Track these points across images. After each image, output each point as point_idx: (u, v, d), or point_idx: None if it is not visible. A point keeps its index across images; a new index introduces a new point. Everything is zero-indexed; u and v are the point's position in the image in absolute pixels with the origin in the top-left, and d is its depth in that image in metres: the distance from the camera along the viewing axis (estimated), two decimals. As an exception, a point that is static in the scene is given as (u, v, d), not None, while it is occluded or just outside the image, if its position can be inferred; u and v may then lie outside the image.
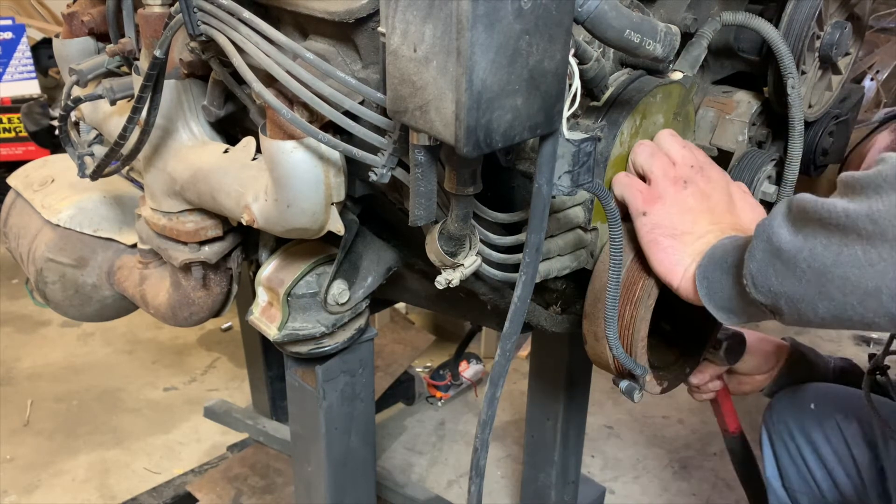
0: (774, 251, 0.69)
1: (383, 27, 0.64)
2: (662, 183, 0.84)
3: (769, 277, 0.70)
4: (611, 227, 0.79)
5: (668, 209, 0.83)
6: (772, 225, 0.70)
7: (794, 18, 0.98)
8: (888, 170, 0.61)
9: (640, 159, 0.86)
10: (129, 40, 0.98)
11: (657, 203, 0.83)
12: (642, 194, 0.84)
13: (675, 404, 2.42)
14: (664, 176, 0.84)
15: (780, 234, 0.69)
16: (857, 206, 0.62)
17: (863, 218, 0.62)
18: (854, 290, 0.64)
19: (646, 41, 0.71)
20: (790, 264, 0.68)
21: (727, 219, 0.85)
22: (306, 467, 1.21)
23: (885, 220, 0.61)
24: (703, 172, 0.86)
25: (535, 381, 1.59)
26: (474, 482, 0.82)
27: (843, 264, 0.64)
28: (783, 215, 0.69)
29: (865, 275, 0.63)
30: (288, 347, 1.04)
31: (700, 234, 0.82)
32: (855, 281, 0.64)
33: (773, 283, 0.70)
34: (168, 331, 2.73)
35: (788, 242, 0.68)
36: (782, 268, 0.69)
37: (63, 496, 2.02)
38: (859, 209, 0.62)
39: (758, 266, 0.71)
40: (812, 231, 0.66)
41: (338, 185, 0.81)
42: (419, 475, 2.14)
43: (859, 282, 0.64)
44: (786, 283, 0.69)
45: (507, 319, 0.72)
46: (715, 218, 0.84)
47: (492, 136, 0.58)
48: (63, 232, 1.21)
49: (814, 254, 0.66)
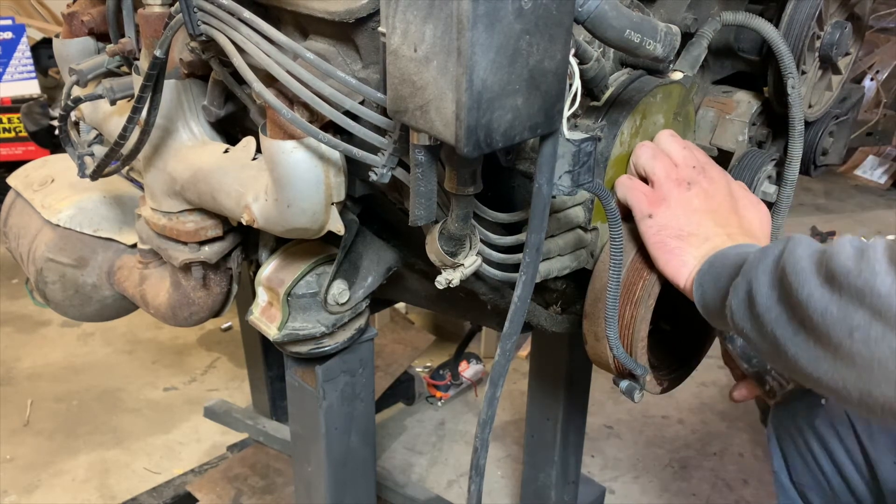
0: (750, 300, 0.70)
1: (383, 27, 0.64)
2: (666, 185, 0.84)
3: (744, 319, 0.72)
4: (611, 227, 0.79)
5: (674, 211, 0.83)
6: (757, 270, 0.70)
7: (795, 18, 0.98)
8: (876, 281, 0.59)
9: (642, 161, 0.86)
10: (129, 40, 0.98)
11: (662, 205, 0.83)
12: (646, 197, 0.84)
13: (675, 404, 2.42)
14: (667, 177, 0.84)
15: (761, 285, 0.69)
16: (837, 312, 0.61)
17: (838, 329, 0.61)
18: (799, 372, 0.67)
19: (646, 41, 0.71)
20: (757, 319, 0.70)
21: (733, 220, 0.85)
22: (306, 467, 1.21)
23: (860, 344, 0.60)
24: (706, 172, 0.86)
25: (535, 381, 1.59)
26: (474, 482, 0.82)
27: (801, 354, 0.66)
28: (772, 263, 0.69)
29: (814, 369, 0.65)
30: (288, 347, 1.04)
31: (706, 235, 0.83)
32: (803, 368, 0.66)
33: (745, 326, 0.72)
34: (168, 331, 2.73)
35: (763, 297, 0.69)
36: (751, 317, 0.71)
37: (63, 496, 2.02)
38: (838, 319, 0.61)
39: (737, 304, 0.72)
40: (787, 304, 0.67)
41: (338, 185, 0.81)
42: (419, 475, 2.14)
43: (806, 370, 0.66)
44: (752, 332, 0.71)
45: (507, 319, 0.72)
46: (720, 219, 0.84)
47: (492, 136, 0.58)
48: (63, 232, 1.21)
49: (778, 322, 0.67)
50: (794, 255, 0.67)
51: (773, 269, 0.69)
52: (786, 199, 1.03)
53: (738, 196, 0.89)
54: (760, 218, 0.89)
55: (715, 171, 0.88)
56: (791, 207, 1.05)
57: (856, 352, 0.61)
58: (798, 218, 3.89)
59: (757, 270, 0.70)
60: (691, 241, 0.82)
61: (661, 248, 0.82)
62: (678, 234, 0.82)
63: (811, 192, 4.33)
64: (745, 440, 2.27)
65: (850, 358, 0.62)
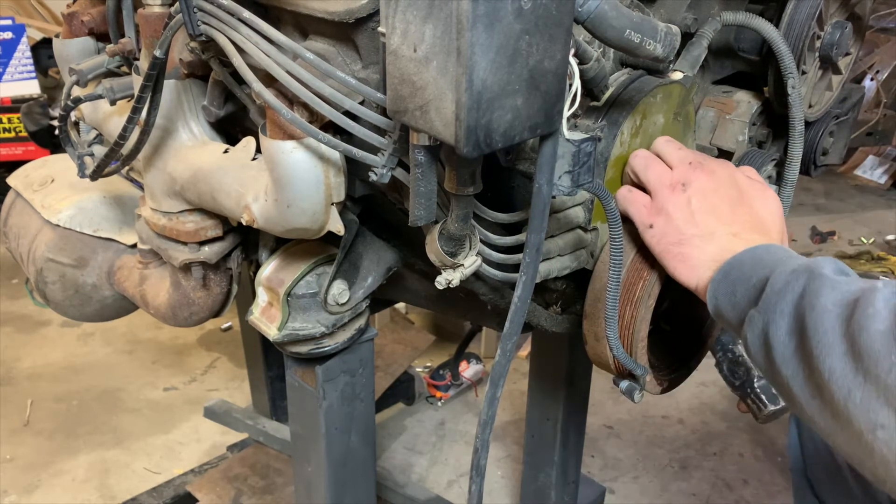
0: (766, 342, 0.67)
1: (383, 27, 0.63)
2: (661, 192, 0.83)
3: (759, 355, 0.70)
4: (611, 227, 0.79)
5: (672, 216, 0.82)
6: (774, 312, 0.66)
7: (795, 18, 0.98)
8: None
9: (637, 171, 0.85)
10: (129, 40, 0.98)
11: (661, 214, 0.82)
12: (646, 208, 0.83)
13: (675, 404, 2.42)
14: (661, 184, 0.83)
15: (778, 329, 0.66)
16: (861, 401, 0.58)
17: (861, 419, 0.58)
18: (813, 428, 0.65)
19: (646, 41, 0.71)
20: (772, 364, 0.67)
21: (740, 213, 0.82)
22: (306, 467, 1.21)
23: (883, 444, 0.58)
24: (704, 167, 0.84)
25: (535, 381, 1.59)
26: (474, 482, 0.82)
27: (817, 418, 0.64)
28: (791, 306, 0.65)
29: (829, 436, 0.64)
30: (288, 347, 1.04)
31: (709, 233, 0.80)
32: (818, 428, 0.64)
33: (761, 363, 0.70)
34: (168, 331, 2.73)
35: (780, 344, 0.66)
36: (767, 360, 0.68)
37: (63, 496, 2.02)
38: (861, 409, 0.58)
39: (752, 339, 0.70)
40: (805, 363, 0.63)
41: (338, 185, 0.81)
42: (419, 475, 2.14)
43: (821, 431, 0.64)
44: (767, 373, 0.70)
45: (507, 319, 0.72)
46: (723, 215, 0.82)
47: (492, 136, 0.58)
48: (63, 232, 1.21)
49: (795, 379, 0.64)
50: (818, 307, 0.61)
51: (792, 312, 0.64)
52: (786, 199, 1.03)
53: (745, 187, 0.85)
54: (770, 208, 0.85)
55: (715, 164, 0.86)
56: (791, 207, 1.05)
57: (877, 448, 0.58)
58: (798, 218, 3.89)
59: (774, 312, 0.66)
60: (694, 242, 0.80)
61: (667, 256, 0.81)
62: (679, 239, 0.81)
63: (811, 192, 4.33)
64: (745, 440, 2.27)
65: (869, 449, 0.58)
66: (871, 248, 3.68)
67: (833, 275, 0.65)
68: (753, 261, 0.74)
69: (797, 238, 3.66)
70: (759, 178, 0.89)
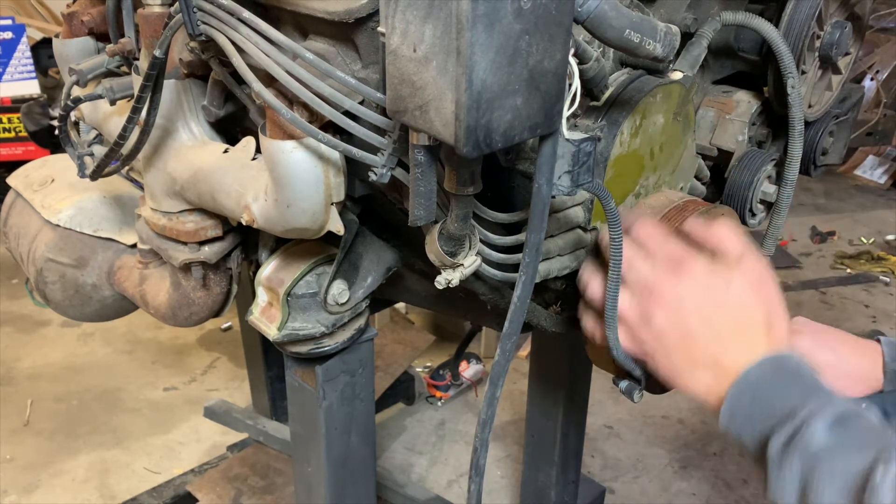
0: (812, 453, 0.63)
1: (383, 27, 0.63)
2: (631, 323, 0.80)
3: None
4: (611, 227, 0.79)
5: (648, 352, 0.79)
6: (822, 482, 0.62)
7: (795, 18, 0.98)
8: None
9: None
10: (128, 40, 0.98)
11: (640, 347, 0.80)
12: (627, 336, 0.81)
13: (675, 404, 2.42)
14: (627, 316, 0.80)
15: (817, 433, 0.63)
16: None
17: None
18: None
19: (646, 41, 0.71)
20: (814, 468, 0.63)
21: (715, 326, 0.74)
22: (306, 467, 1.21)
23: None
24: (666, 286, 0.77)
25: (535, 381, 1.59)
26: (474, 482, 0.81)
27: None
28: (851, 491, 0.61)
29: None
30: (288, 347, 1.04)
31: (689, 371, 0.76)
32: None
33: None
34: (168, 331, 2.73)
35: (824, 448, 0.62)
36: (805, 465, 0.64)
37: (63, 496, 2.02)
38: None
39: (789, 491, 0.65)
40: None
41: (338, 185, 0.81)
42: (419, 475, 2.14)
43: None
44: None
45: (507, 319, 0.72)
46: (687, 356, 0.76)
47: (492, 136, 0.58)
48: (63, 232, 1.21)
49: None
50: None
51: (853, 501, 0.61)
52: (786, 199, 1.03)
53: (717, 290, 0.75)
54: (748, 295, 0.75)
55: (688, 276, 0.76)
56: (791, 207, 1.05)
57: None
58: (798, 218, 3.89)
59: (823, 482, 0.62)
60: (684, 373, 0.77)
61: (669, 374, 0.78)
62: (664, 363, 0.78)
63: (811, 192, 4.33)
64: (745, 440, 2.26)
65: None
66: (871, 248, 3.68)
67: (829, 441, 0.63)
68: (784, 401, 0.69)
69: (797, 238, 3.66)
70: (739, 241, 0.77)
